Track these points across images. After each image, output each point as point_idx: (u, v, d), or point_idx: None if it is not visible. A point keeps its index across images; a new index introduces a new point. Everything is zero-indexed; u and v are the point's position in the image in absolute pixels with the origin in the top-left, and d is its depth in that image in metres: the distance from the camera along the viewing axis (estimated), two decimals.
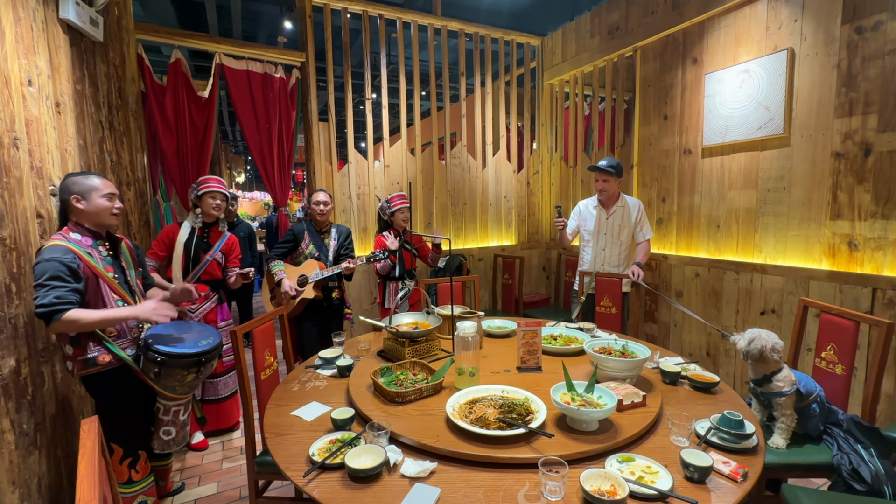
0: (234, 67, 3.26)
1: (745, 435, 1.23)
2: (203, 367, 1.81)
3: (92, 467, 0.77)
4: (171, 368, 1.71)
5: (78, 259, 1.58)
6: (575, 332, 2.11)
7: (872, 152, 2.19)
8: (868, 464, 1.47)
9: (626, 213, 2.86)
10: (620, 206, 2.87)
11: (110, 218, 1.71)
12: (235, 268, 2.54)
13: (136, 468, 1.78)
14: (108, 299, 1.67)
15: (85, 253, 1.62)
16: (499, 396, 1.42)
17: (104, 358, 1.66)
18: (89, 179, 1.67)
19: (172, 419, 1.87)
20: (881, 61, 2.14)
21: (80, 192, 1.64)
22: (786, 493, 1.40)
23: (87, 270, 1.61)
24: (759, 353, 1.53)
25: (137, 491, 1.80)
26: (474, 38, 4.16)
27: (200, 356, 1.76)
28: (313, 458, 1.19)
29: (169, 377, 1.74)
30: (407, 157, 3.94)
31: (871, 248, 2.22)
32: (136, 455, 1.79)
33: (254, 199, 12.89)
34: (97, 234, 1.72)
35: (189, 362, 1.74)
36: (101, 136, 2.28)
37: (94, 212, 1.67)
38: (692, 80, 3.07)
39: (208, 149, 3.22)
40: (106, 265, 1.70)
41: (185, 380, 1.78)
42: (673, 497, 1.02)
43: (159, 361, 1.68)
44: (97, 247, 1.70)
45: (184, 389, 1.83)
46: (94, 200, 1.66)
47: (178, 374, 1.75)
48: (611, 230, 2.90)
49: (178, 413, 1.88)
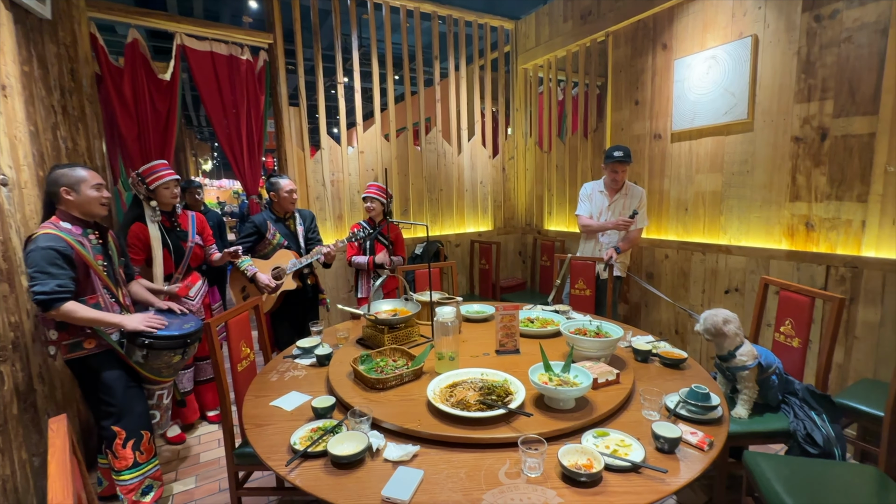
0: (197, 49, 3.11)
1: (711, 407, 1.30)
2: (188, 349, 1.90)
3: (63, 466, 0.75)
4: (158, 350, 1.78)
5: (70, 247, 1.63)
6: (551, 315, 2.16)
7: (828, 137, 2.30)
8: (820, 428, 1.58)
9: (629, 202, 2.85)
10: (624, 195, 2.86)
11: (99, 208, 1.76)
12: (212, 245, 2.52)
13: (140, 449, 1.81)
14: (97, 288, 1.73)
15: (76, 242, 1.66)
16: (478, 379, 1.44)
17: (90, 343, 1.72)
18: (76, 171, 1.71)
19: (157, 403, 1.98)
20: (837, 49, 2.24)
21: (70, 184, 1.69)
22: (747, 459, 1.50)
23: (77, 259, 1.66)
24: (714, 329, 1.64)
25: (144, 474, 1.82)
26: (447, 21, 4.09)
27: (185, 337, 1.84)
28: (295, 446, 1.19)
29: (156, 359, 1.81)
30: (381, 143, 3.88)
31: (826, 229, 2.35)
32: (139, 435, 1.81)
33: (222, 187, 12.47)
34: (86, 223, 1.76)
35: (175, 343, 1.82)
36: (55, 122, 2.15)
37: (85, 203, 1.71)
38: (662, 66, 3.12)
39: (172, 135, 3.08)
40: (96, 254, 1.75)
41: (171, 361, 1.85)
42: (645, 467, 1.07)
43: (147, 344, 1.75)
44: (87, 235, 1.74)
45: (169, 372, 1.90)
46: (84, 191, 1.71)
47: (165, 355, 1.82)
48: (612, 217, 2.89)
49: (162, 397, 2.00)
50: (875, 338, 2.17)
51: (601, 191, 2.95)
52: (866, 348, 2.21)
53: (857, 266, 2.21)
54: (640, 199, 2.86)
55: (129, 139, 2.94)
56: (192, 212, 2.48)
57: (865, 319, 2.20)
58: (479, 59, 4.36)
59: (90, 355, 1.72)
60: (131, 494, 1.78)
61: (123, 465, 1.77)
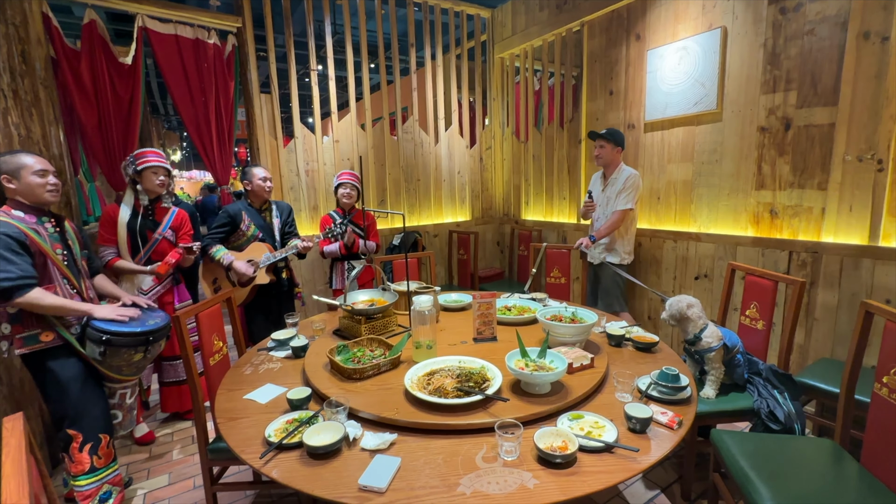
0: (160, 31, 2.97)
1: (681, 387, 1.35)
2: (151, 347, 1.79)
3: (18, 465, 0.71)
4: (116, 347, 1.68)
5: (23, 234, 1.55)
6: (528, 303, 2.18)
7: (792, 126, 2.38)
8: (782, 406, 1.66)
9: (618, 184, 2.77)
10: (615, 178, 2.79)
11: (46, 195, 1.66)
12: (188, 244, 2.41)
13: (97, 453, 1.71)
14: (55, 278, 1.64)
15: (30, 230, 1.58)
16: (456, 367, 1.45)
17: (48, 336, 1.62)
18: (17, 157, 1.63)
19: (119, 402, 1.85)
20: (801, 41, 2.31)
21: (9, 172, 1.60)
22: (714, 437, 1.56)
23: (33, 247, 1.58)
24: (678, 314, 1.69)
25: (101, 480, 1.73)
26: (423, 8, 4.03)
27: (147, 335, 1.73)
28: (270, 439, 1.17)
29: (115, 356, 1.70)
30: (357, 132, 3.82)
31: (789, 216, 2.44)
32: (97, 439, 1.71)
33: (192, 178, 12.06)
34: (41, 211, 1.67)
35: (136, 341, 1.71)
36: (5, 107, 2.02)
37: (27, 190, 1.63)
38: (635, 57, 3.16)
39: (135, 122, 2.94)
40: (53, 242, 1.66)
41: (131, 359, 1.75)
42: (617, 447, 1.10)
43: (104, 340, 1.65)
44: (43, 223, 1.66)
45: (131, 370, 1.80)
46: (26, 178, 1.62)
47: (125, 353, 1.72)
48: (604, 202, 2.84)
49: (125, 396, 1.86)
50: (833, 319, 2.28)
51: (600, 177, 2.92)
52: (825, 329, 2.32)
53: (817, 251, 2.31)
54: (625, 180, 2.72)
55: (88, 126, 2.79)
56: (177, 207, 2.42)
57: (824, 302, 2.31)
58: (456, 48, 4.32)
59: (47, 349, 1.63)
60: (87, 501, 1.69)
61: (79, 470, 1.68)
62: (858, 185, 2.16)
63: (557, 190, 3.97)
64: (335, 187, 2.87)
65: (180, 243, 2.38)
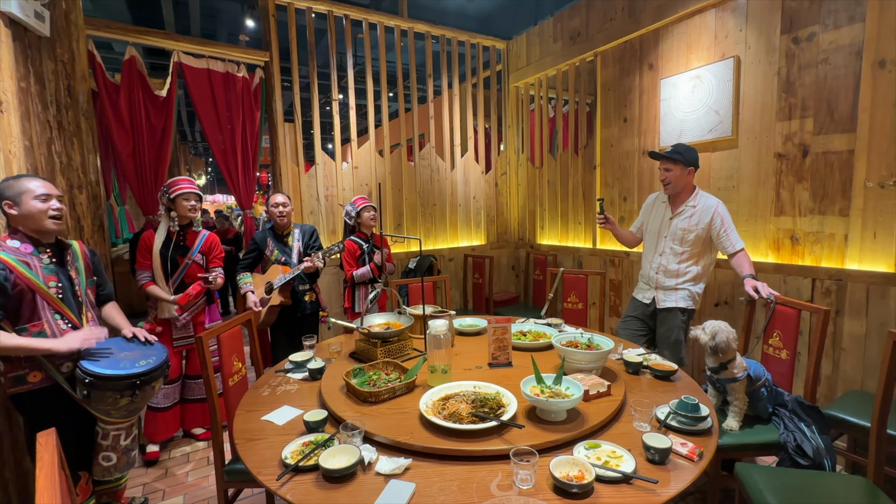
0: (193, 66, 3.16)
1: (701, 417, 1.32)
2: (139, 391, 1.63)
3: (51, 479, 0.75)
4: (100, 391, 1.55)
5: (8, 270, 1.47)
6: (543, 328, 2.17)
7: (810, 153, 2.37)
8: (810, 440, 1.59)
9: (699, 216, 2.22)
10: (691, 206, 2.24)
11: (48, 222, 1.57)
12: (218, 268, 2.50)
13: (75, 490, 1.65)
14: (44, 314, 1.55)
15: (19, 263, 1.50)
16: (471, 392, 1.45)
17: (35, 376, 1.54)
18: (21, 182, 1.55)
19: (112, 444, 1.69)
20: (815, 69, 2.32)
21: (11, 197, 1.52)
22: (739, 471, 1.50)
23: (20, 282, 1.50)
24: (725, 345, 1.63)
25: None
26: (441, 41, 4.20)
27: (135, 378, 1.58)
28: (286, 461, 1.18)
29: (99, 400, 1.57)
30: (375, 159, 3.93)
31: (811, 242, 2.40)
32: (76, 476, 1.66)
33: (216, 202, 12.47)
34: (37, 241, 1.60)
35: (122, 385, 1.57)
36: (50, 137, 2.16)
37: (27, 216, 1.54)
38: (649, 85, 3.21)
39: (167, 150, 3.11)
40: (47, 274, 1.57)
41: (117, 404, 1.60)
42: (636, 478, 1.08)
43: (87, 383, 1.53)
44: (38, 254, 1.58)
45: (119, 414, 1.65)
46: (27, 203, 1.53)
47: (110, 397, 1.58)
48: (673, 233, 2.28)
49: (119, 438, 1.70)
50: (861, 349, 2.21)
51: (664, 201, 2.37)
52: (853, 360, 2.24)
53: (841, 279, 2.26)
54: (715, 213, 2.18)
55: (123, 154, 2.96)
56: (208, 231, 2.55)
57: (851, 331, 2.24)
58: (472, 78, 4.45)
59: (34, 390, 1.54)
60: None
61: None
62: (882, 212, 2.12)
63: (573, 215, 3.99)
64: (357, 212, 2.90)
65: (212, 266, 2.49)
